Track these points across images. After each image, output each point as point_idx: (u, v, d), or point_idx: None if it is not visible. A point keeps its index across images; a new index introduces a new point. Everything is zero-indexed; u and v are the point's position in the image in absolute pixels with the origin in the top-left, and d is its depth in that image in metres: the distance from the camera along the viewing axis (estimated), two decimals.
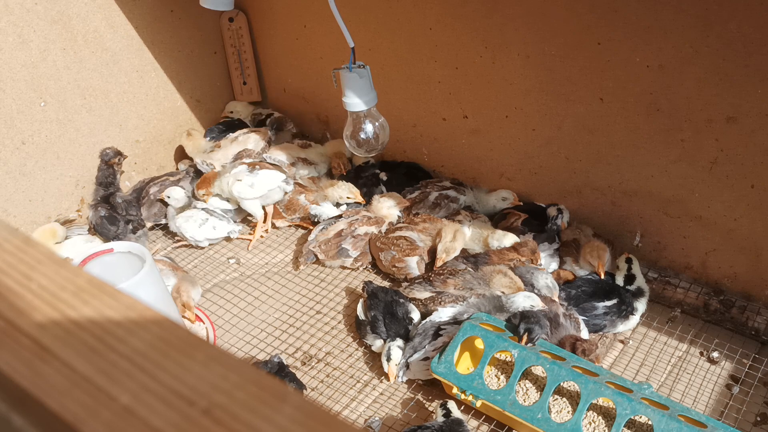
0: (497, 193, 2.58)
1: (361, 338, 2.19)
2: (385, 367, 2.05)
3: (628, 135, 2.18)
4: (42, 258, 0.54)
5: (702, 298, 2.24)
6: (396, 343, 2.07)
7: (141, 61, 2.71)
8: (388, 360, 2.05)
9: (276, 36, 2.96)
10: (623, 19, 2.00)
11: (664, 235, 2.29)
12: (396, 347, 2.06)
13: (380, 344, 2.11)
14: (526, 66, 2.28)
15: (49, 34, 2.39)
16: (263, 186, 2.55)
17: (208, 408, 0.42)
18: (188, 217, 2.56)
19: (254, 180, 2.54)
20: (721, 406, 1.97)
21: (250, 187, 2.53)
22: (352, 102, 2.04)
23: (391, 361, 2.04)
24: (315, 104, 3.03)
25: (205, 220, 2.56)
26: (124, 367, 0.45)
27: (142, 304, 0.50)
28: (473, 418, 1.92)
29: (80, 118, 2.58)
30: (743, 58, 1.86)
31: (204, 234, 2.56)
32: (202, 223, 2.56)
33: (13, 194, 2.44)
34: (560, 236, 2.39)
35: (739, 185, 2.05)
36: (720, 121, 1.98)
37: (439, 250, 2.29)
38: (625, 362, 2.13)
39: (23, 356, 0.46)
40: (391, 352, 2.05)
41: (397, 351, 2.05)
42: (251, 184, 2.54)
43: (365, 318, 2.17)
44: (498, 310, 2.05)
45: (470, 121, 2.56)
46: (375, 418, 1.94)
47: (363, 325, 2.17)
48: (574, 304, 2.17)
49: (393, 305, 2.13)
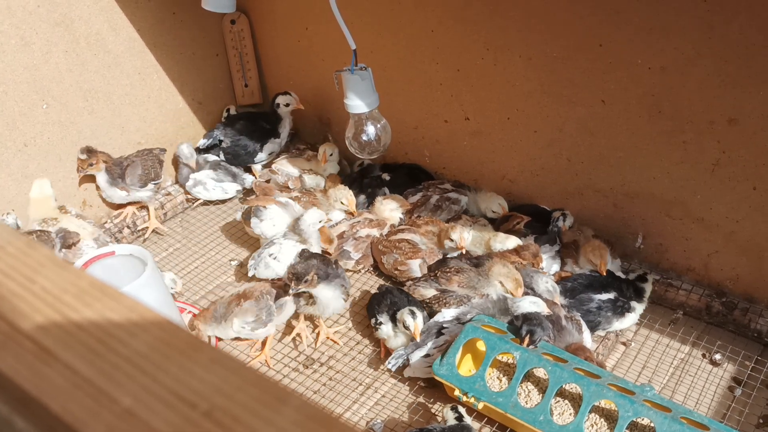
0: (489, 200, 2.58)
1: (373, 314, 2.15)
2: (410, 324, 1.98)
3: (630, 137, 2.18)
4: (44, 261, 0.54)
5: (704, 300, 2.24)
6: (416, 308, 2.05)
7: (143, 64, 2.72)
8: (414, 317, 1.99)
9: (278, 38, 2.96)
10: (625, 21, 2.00)
11: (666, 237, 2.29)
12: (418, 309, 2.04)
13: (390, 327, 2.09)
14: (528, 68, 2.28)
15: (52, 36, 2.39)
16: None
17: (210, 410, 0.42)
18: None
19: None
20: (723, 408, 1.97)
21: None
22: (354, 104, 2.04)
23: (417, 319, 1.99)
24: (317, 106, 3.03)
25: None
26: (126, 370, 0.45)
27: (143, 306, 0.50)
28: (475, 421, 1.92)
29: (82, 120, 2.58)
30: (745, 60, 1.86)
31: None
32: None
33: (16, 196, 2.45)
34: (561, 238, 2.39)
35: (741, 187, 2.04)
36: (722, 123, 1.98)
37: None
38: (628, 364, 2.12)
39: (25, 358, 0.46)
40: (415, 312, 2.01)
41: (421, 313, 2.03)
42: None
43: (384, 297, 2.17)
44: (503, 313, 2.05)
45: (472, 123, 2.56)
46: (377, 421, 1.94)
47: (380, 303, 2.15)
48: (570, 296, 2.17)
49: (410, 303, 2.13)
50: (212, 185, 2.84)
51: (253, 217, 2.46)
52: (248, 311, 2.13)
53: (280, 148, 3.02)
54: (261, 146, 2.95)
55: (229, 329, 2.15)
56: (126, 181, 2.64)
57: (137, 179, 2.67)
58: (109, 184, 2.64)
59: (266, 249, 2.34)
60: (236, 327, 2.13)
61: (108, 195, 2.68)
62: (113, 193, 2.66)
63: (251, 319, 2.12)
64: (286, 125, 3.00)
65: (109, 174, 2.62)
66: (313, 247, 2.34)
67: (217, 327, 2.17)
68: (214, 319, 2.16)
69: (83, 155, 2.58)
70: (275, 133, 2.98)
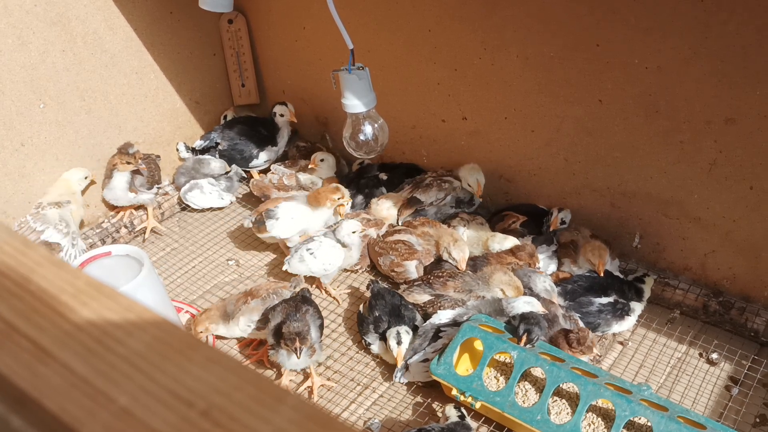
0: (468, 173, 2.56)
1: (361, 336, 2.18)
2: (393, 350, 2.00)
3: (627, 136, 2.19)
4: (41, 260, 0.54)
5: (701, 300, 2.24)
6: (404, 328, 2.03)
7: (140, 63, 2.71)
8: (399, 343, 2.00)
9: (275, 38, 2.96)
10: (622, 21, 2.01)
11: (663, 237, 2.29)
12: (405, 332, 2.02)
13: (380, 344, 2.10)
14: (525, 67, 2.29)
15: (49, 35, 2.39)
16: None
17: (207, 409, 0.42)
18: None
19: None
20: (720, 407, 1.97)
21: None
22: (351, 104, 2.04)
23: (401, 345, 2.00)
24: (314, 106, 3.03)
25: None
26: (123, 369, 0.45)
27: (140, 305, 0.50)
28: (473, 420, 1.92)
29: (79, 119, 2.58)
30: (742, 60, 1.86)
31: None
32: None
33: (13, 196, 2.44)
34: (558, 238, 2.39)
35: (738, 187, 2.05)
36: (719, 123, 1.99)
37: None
38: (625, 363, 2.13)
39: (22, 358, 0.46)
40: (401, 336, 2.01)
41: (407, 335, 2.02)
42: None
43: (368, 316, 2.16)
44: (498, 314, 2.05)
45: (469, 123, 2.56)
46: (374, 420, 1.94)
47: (365, 323, 2.16)
48: (570, 298, 2.17)
49: (400, 309, 2.12)
50: (209, 189, 2.82)
51: (268, 220, 2.44)
52: (255, 309, 2.13)
53: (277, 156, 3.02)
54: (258, 153, 2.95)
55: (234, 327, 2.15)
56: (135, 183, 2.65)
57: (145, 182, 2.67)
58: (128, 185, 2.63)
59: (306, 244, 2.34)
60: (242, 325, 2.13)
61: (117, 197, 2.66)
62: (124, 195, 2.65)
63: (257, 317, 2.12)
64: (284, 134, 3.00)
65: (131, 176, 2.63)
66: (354, 252, 2.37)
67: (226, 326, 2.16)
68: (222, 318, 2.16)
69: (126, 152, 2.59)
70: (273, 141, 2.98)
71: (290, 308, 2.02)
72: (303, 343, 1.91)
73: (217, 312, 2.17)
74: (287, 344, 1.91)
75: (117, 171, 2.60)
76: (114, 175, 2.61)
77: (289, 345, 1.91)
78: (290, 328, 1.92)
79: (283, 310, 2.02)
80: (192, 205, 2.83)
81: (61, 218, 2.41)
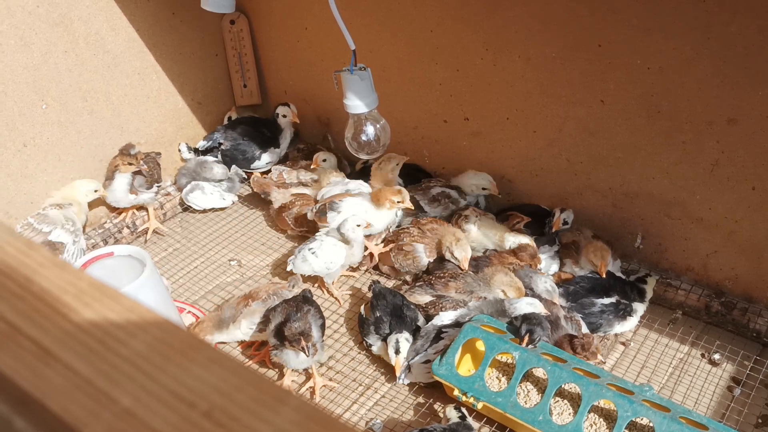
0: (474, 177, 2.58)
1: (363, 337, 2.18)
2: (392, 359, 2.01)
3: (629, 137, 2.18)
4: (44, 261, 0.54)
5: (703, 300, 2.24)
6: (404, 336, 2.03)
7: (142, 64, 2.72)
8: (397, 353, 1.99)
9: (277, 38, 2.96)
10: (624, 22, 2.01)
11: (665, 237, 2.29)
12: (404, 339, 2.02)
13: (381, 345, 2.10)
14: (527, 68, 2.29)
15: (51, 36, 2.39)
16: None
17: (209, 410, 0.42)
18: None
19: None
20: (722, 408, 1.97)
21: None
22: (353, 104, 2.04)
23: (399, 355, 1.99)
24: (316, 106, 3.03)
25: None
26: (126, 370, 0.45)
27: (143, 306, 0.50)
28: (474, 420, 1.92)
29: (82, 120, 2.58)
30: (744, 61, 1.86)
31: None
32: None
33: (15, 197, 2.45)
34: (560, 239, 2.39)
35: (740, 187, 2.05)
36: (721, 123, 1.98)
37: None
38: (627, 364, 2.12)
39: (25, 359, 0.46)
40: (399, 344, 2.00)
41: (406, 344, 2.01)
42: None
43: (370, 317, 2.16)
44: (500, 315, 2.05)
45: (471, 123, 2.56)
46: (376, 421, 1.94)
47: (366, 324, 2.16)
48: (572, 299, 2.17)
49: (402, 309, 2.12)
50: (211, 190, 2.82)
51: (330, 212, 2.44)
52: (256, 312, 2.13)
53: (279, 158, 3.02)
54: (260, 154, 2.95)
55: (236, 331, 2.15)
56: (134, 183, 2.65)
57: (144, 182, 2.67)
58: (128, 187, 2.63)
59: (308, 244, 2.35)
60: (244, 328, 2.13)
61: (118, 199, 2.65)
62: (124, 197, 2.65)
63: (259, 319, 2.12)
64: (286, 136, 3.01)
65: (132, 177, 2.63)
66: (356, 249, 2.37)
67: (224, 333, 2.16)
68: (216, 327, 2.15)
69: (128, 153, 2.59)
70: (275, 143, 2.99)
71: (291, 308, 2.02)
72: (308, 340, 1.91)
73: (210, 323, 2.16)
74: (293, 345, 1.91)
75: (119, 172, 2.60)
76: (115, 176, 2.61)
77: (296, 345, 1.91)
78: (292, 328, 1.92)
79: (283, 311, 2.02)
80: (194, 205, 2.83)
81: (66, 218, 2.41)
